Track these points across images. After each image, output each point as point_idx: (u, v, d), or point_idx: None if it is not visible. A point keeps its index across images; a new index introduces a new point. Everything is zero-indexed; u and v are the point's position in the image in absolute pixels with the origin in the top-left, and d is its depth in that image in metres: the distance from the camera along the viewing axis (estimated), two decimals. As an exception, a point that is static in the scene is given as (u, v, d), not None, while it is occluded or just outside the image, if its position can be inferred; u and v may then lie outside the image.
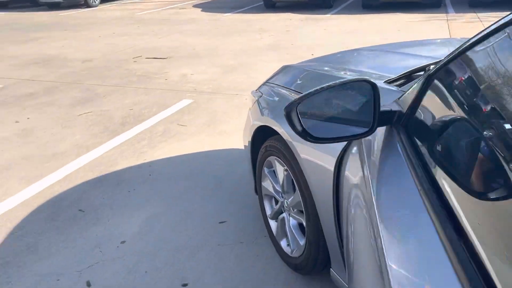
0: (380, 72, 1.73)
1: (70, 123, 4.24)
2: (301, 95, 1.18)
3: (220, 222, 2.55)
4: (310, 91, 1.17)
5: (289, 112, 1.15)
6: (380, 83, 1.52)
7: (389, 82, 1.56)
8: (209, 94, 4.89)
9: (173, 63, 6.39)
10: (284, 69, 2.37)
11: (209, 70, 5.90)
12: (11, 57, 7.33)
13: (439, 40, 2.79)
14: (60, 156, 3.53)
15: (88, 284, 2.13)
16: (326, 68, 2.17)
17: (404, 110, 1.19)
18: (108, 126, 4.11)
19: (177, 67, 6.18)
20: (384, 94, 1.42)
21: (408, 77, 1.58)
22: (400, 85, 1.50)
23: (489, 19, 8.47)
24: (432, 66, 1.65)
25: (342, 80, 1.19)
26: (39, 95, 5.17)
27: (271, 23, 9.63)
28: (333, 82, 1.16)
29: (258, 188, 2.41)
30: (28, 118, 4.42)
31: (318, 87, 1.17)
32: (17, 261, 2.32)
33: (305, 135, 1.15)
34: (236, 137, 3.71)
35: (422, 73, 1.62)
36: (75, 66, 6.54)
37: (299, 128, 1.16)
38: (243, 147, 3.40)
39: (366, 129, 1.16)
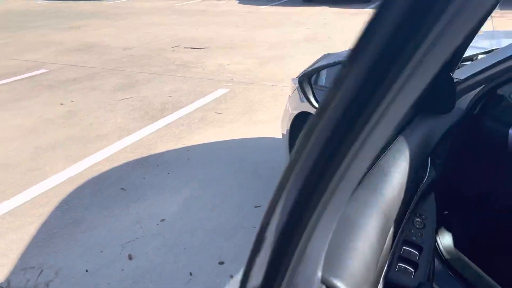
0: None
1: (112, 107, 4.39)
2: (315, 66, 1.22)
3: (255, 206, 2.60)
4: (324, 63, 1.21)
5: (302, 82, 1.19)
6: None
7: None
8: (245, 84, 4.95)
9: (210, 53, 6.49)
10: (325, 57, 2.39)
11: (245, 61, 5.96)
12: (56, 43, 7.60)
13: (482, 33, 2.76)
14: (102, 137, 3.67)
15: (130, 257, 2.23)
16: None
17: None
18: (148, 111, 4.23)
19: (214, 57, 6.27)
20: None
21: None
22: None
23: (536, 17, 8.15)
24: (480, 56, 1.64)
25: None
26: (83, 80, 5.36)
27: (308, 16, 9.59)
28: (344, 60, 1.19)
29: (295, 175, 2.44)
30: (72, 101, 4.60)
31: (332, 61, 1.21)
32: (63, 233, 2.45)
33: (316, 105, 1.19)
34: (271, 126, 3.75)
35: (469, 62, 1.62)
36: (116, 53, 6.73)
37: (310, 97, 1.19)
38: (278, 136, 3.44)
39: None
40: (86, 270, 2.16)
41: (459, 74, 1.33)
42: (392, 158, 1.02)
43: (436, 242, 1.50)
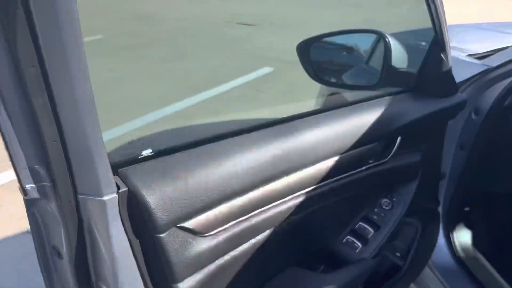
0: (465, 46, 1.62)
1: (158, 76, 4.49)
2: (315, 36, 1.22)
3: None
4: (322, 34, 1.22)
5: (300, 50, 1.19)
6: (462, 56, 1.43)
7: (477, 57, 1.46)
8: (292, 64, 4.87)
9: (261, 31, 6.45)
10: None
11: (296, 41, 5.86)
12: (113, 11, 7.84)
13: None
14: (144, 105, 3.77)
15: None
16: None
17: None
18: (192, 84, 4.29)
19: (264, 34, 6.22)
20: (466, 67, 1.34)
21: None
22: (480, 58, 1.40)
23: None
24: None
25: (356, 29, 1.21)
26: (134, 48, 5.51)
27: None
28: (346, 29, 1.19)
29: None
30: (121, 68, 4.75)
31: (329, 32, 1.22)
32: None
33: (313, 74, 1.18)
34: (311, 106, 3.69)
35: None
36: (170, 24, 6.84)
37: (307, 66, 1.18)
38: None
39: (373, 83, 1.13)
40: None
41: (490, 62, 1.23)
42: (334, 115, 0.98)
43: (452, 239, 1.43)
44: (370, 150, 1.02)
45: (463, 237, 1.45)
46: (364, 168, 1.03)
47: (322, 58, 1.30)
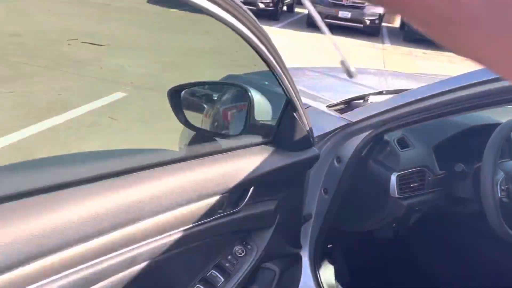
0: (318, 94, 1.77)
1: (-12, 101, 3.90)
2: (186, 83, 1.26)
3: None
4: (192, 82, 1.26)
5: (170, 95, 1.21)
6: (323, 107, 1.56)
7: (330, 106, 1.61)
8: (146, 90, 4.75)
9: (111, 52, 6.14)
10: (228, 77, 2.36)
11: (148, 65, 5.73)
12: None
13: (373, 71, 2.96)
14: (-28, 136, 3.23)
15: None
16: (266, 82, 2.19)
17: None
18: (31, 110, 3.83)
19: (114, 56, 5.94)
20: (328, 119, 1.46)
21: (348, 103, 1.64)
22: (339, 110, 1.55)
23: (420, 54, 9.09)
24: (371, 97, 1.72)
25: (223, 81, 1.29)
26: (-45, 66, 4.71)
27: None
28: (214, 81, 1.25)
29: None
30: None
31: (199, 81, 1.28)
32: None
33: (183, 120, 1.21)
34: (169, 136, 3.62)
35: (361, 101, 1.69)
36: (1, 39, 6.05)
37: (178, 112, 1.21)
38: (177, 149, 3.32)
39: (236, 133, 1.20)
40: None
41: (349, 116, 1.37)
42: (188, 166, 0.99)
43: (319, 275, 1.53)
44: (221, 200, 1.05)
45: (327, 272, 1.56)
46: (214, 217, 1.05)
47: (192, 105, 1.31)
